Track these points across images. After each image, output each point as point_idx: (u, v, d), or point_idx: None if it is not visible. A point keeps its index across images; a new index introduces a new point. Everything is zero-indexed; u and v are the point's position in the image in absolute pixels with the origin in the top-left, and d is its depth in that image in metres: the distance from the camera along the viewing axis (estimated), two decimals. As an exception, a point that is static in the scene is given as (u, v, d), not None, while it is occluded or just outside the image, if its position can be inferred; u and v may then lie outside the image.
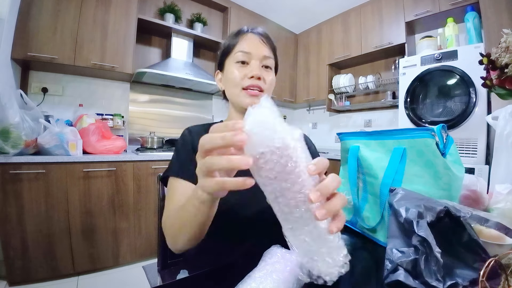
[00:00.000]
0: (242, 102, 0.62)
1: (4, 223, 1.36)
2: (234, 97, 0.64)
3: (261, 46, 0.63)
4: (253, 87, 0.61)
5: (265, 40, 0.65)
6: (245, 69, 0.62)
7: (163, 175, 0.65)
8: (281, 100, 3.12)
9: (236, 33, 0.66)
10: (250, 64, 0.62)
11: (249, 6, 2.78)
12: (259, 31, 0.65)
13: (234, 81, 0.62)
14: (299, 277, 0.35)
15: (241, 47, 0.63)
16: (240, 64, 0.63)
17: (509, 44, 0.60)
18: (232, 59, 0.64)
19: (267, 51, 0.64)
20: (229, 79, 0.64)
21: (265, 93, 0.63)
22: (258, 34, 0.65)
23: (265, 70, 0.64)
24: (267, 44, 0.65)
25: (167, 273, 0.78)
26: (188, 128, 0.68)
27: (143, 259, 1.83)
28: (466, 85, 1.60)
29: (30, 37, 1.62)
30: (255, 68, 0.61)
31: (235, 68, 0.63)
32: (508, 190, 0.60)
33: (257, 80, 0.61)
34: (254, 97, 0.61)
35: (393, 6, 2.26)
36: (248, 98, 0.62)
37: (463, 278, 0.36)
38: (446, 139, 0.56)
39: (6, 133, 1.31)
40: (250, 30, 0.65)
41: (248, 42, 0.63)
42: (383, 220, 0.58)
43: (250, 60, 0.63)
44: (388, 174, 0.58)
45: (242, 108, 0.63)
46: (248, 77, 0.61)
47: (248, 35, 0.64)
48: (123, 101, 2.27)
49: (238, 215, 0.58)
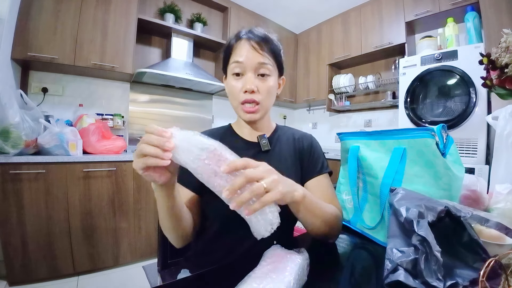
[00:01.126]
0: (242, 116, 0.64)
1: (4, 223, 1.36)
2: (235, 109, 0.65)
3: (255, 54, 0.60)
4: (248, 102, 0.61)
5: (260, 45, 0.60)
6: (241, 81, 0.61)
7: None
8: (281, 100, 3.12)
9: (233, 38, 0.64)
10: (245, 76, 0.61)
11: (249, 6, 2.78)
12: (252, 36, 0.61)
13: (233, 95, 0.63)
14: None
15: (235, 57, 0.61)
16: (235, 76, 0.62)
17: (509, 44, 0.60)
18: (229, 69, 0.63)
19: (261, 58, 0.60)
20: (229, 92, 0.65)
21: (263, 103, 0.62)
22: (251, 40, 0.61)
23: (261, 79, 0.61)
24: (261, 50, 0.60)
25: (167, 273, 0.78)
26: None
27: (143, 259, 1.83)
28: (466, 85, 1.60)
29: (30, 37, 1.62)
30: (248, 82, 0.60)
31: (232, 80, 0.63)
32: (508, 190, 0.60)
33: (251, 94, 0.60)
34: (251, 114, 0.62)
35: (393, 6, 2.26)
36: (246, 115, 0.62)
37: (463, 278, 0.36)
38: (446, 139, 0.56)
39: (6, 133, 1.31)
40: (244, 36, 0.62)
41: (242, 51, 0.60)
42: (383, 220, 0.58)
43: (245, 72, 0.61)
44: (388, 174, 0.58)
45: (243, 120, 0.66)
46: (243, 91, 0.61)
47: (242, 42, 0.61)
48: (123, 101, 2.27)
49: (238, 215, 0.58)
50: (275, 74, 0.65)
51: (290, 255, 0.41)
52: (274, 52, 0.63)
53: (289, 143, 0.70)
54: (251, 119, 0.63)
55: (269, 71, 0.62)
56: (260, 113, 0.63)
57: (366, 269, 0.51)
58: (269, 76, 0.63)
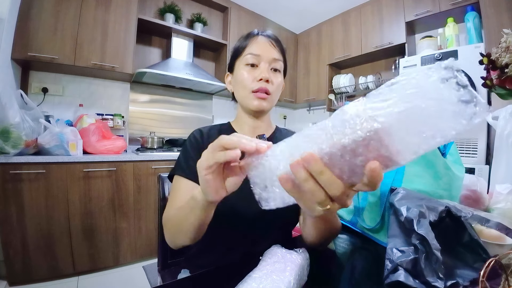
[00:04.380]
0: (250, 105, 0.64)
1: (4, 223, 1.36)
2: (243, 99, 0.65)
3: (271, 49, 0.64)
4: (261, 91, 0.62)
5: (275, 43, 0.65)
6: (255, 71, 0.63)
7: (170, 174, 0.66)
8: (281, 100, 3.12)
9: (246, 36, 0.67)
10: (259, 67, 0.63)
11: (249, 6, 2.78)
12: (268, 34, 0.66)
13: (244, 83, 0.63)
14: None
15: (251, 50, 0.64)
16: (250, 66, 0.64)
17: (509, 44, 0.60)
18: (242, 61, 0.65)
19: (276, 54, 0.65)
20: (239, 81, 0.65)
21: (272, 96, 0.64)
22: (268, 37, 0.65)
23: (274, 72, 0.65)
24: (276, 47, 0.65)
25: (167, 273, 0.78)
26: (200, 129, 0.69)
27: (143, 259, 1.83)
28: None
29: (30, 37, 1.62)
30: (264, 71, 0.62)
31: (245, 71, 0.64)
32: (508, 190, 0.60)
33: (266, 82, 0.62)
34: (262, 100, 0.63)
35: (393, 6, 2.26)
36: (256, 100, 0.63)
37: (464, 278, 0.36)
38: (447, 139, 0.56)
39: (6, 133, 1.31)
40: (260, 33, 0.66)
41: (258, 45, 0.64)
42: (384, 220, 0.58)
43: (260, 63, 0.63)
44: (388, 174, 0.58)
45: (250, 110, 0.65)
46: (257, 79, 0.62)
47: (258, 38, 0.65)
48: (123, 101, 2.27)
49: (238, 215, 0.58)
50: (282, 74, 0.69)
51: (290, 255, 0.41)
52: (283, 53, 0.68)
53: None
54: (259, 107, 0.63)
55: (280, 68, 0.67)
56: (269, 103, 0.65)
57: (366, 269, 0.51)
58: (280, 73, 0.67)
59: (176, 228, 0.51)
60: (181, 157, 0.64)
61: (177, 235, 0.52)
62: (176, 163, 0.64)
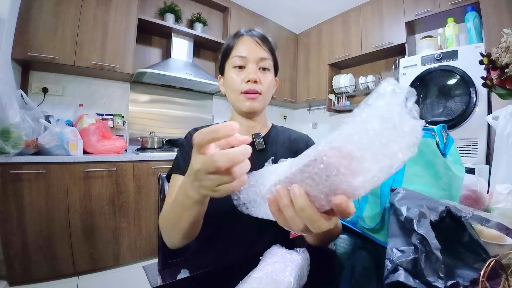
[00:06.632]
0: (242, 106, 0.63)
1: (4, 223, 1.36)
2: (235, 101, 0.65)
3: (257, 49, 0.63)
4: (250, 92, 0.62)
5: (261, 42, 0.64)
6: (242, 73, 0.63)
7: (167, 173, 0.66)
8: (281, 100, 3.12)
9: (233, 36, 0.67)
10: (247, 68, 0.63)
11: (249, 6, 2.78)
12: (254, 33, 0.65)
13: (233, 86, 0.63)
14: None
15: (237, 52, 0.63)
16: (238, 68, 0.63)
17: (509, 44, 0.60)
18: (230, 64, 0.65)
19: (263, 53, 0.64)
20: (229, 84, 0.65)
21: (264, 95, 0.64)
22: (254, 37, 0.64)
23: (262, 72, 0.64)
24: (262, 46, 0.64)
25: (167, 273, 0.78)
26: (196, 128, 0.69)
27: (143, 259, 1.83)
28: (467, 85, 1.60)
29: (30, 37, 1.62)
30: (251, 72, 0.62)
31: (233, 73, 0.64)
32: (508, 190, 0.60)
33: (254, 83, 0.62)
34: (253, 101, 0.63)
35: (393, 6, 2.26)
36: (247, 101, 0.63)
37: (464, 278, 0.36)
38: (447, 139, 0.56)
39: (6, 133, 1.31)
40: (246, 33, 0.65)
41: (244, 46, 0.63)
42: (384, 220, 0.58)
43: (247, 64, 0.63)
44: (388, 174, 0.57)
45: (242, 111, 0.65)
46: (245, 81, 0.62)
47: (244, 38, 0.65)
48: (123, 101, 2.27)
49: (238, 215, 0.58)
50: (273, 71, 0.68)
51: (290, 255, 0.41)
52: (272, 51, 0.67)
53: (285, 144, 0.71)
54: (250, 108, 0.63)
55: (270, 66, 0.66)
56: (260, 103, 0.64)
57: (366, 270, 0.51)
58: (269, 71, 0.66)
59: (171, 226, 0.49)
60: (178, 157, 0.64)
61: (172, 233, 0.50)
62: (173, 163, 0.64)
